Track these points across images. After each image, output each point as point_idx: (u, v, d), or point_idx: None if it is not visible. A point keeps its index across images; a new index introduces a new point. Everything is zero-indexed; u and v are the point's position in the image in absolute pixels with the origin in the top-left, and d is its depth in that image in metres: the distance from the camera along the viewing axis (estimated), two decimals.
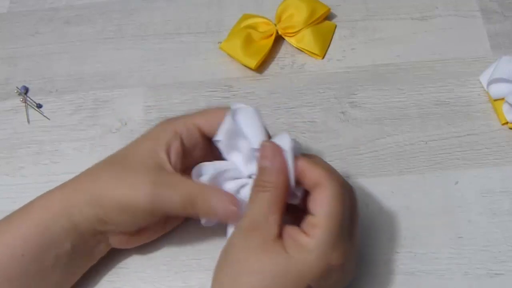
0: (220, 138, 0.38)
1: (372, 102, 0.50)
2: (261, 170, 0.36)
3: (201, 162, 0.40)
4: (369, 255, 0.43)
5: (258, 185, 0.36)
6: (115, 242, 0.42)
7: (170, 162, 0.38)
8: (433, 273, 0.42)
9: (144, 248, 0.44)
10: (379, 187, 0.46)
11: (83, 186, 0.39)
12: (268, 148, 0.36)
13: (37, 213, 0.38)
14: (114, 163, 0.39)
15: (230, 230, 0.38)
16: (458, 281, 0.42)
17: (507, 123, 0.48)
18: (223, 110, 0.39)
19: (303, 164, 0.36)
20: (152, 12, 0.58)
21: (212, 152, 0.41)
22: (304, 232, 0.34)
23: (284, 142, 0.36)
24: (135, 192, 0.37)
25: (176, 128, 0.39)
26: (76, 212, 0.38)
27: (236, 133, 0.38)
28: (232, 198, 0.37)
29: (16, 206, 0.40)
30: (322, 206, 0.34)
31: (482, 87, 0.50)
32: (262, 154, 0.36)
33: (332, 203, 0.34)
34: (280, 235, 0.35)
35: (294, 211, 0.37)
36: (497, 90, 0.48)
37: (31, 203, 0.39)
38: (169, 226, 0.44)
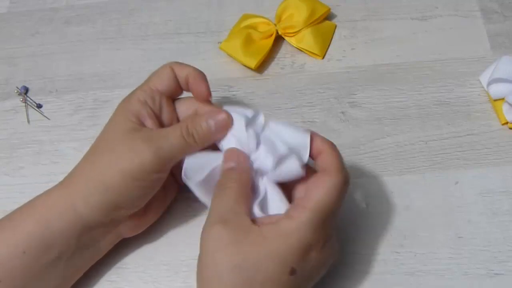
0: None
1: (372, 102, 0.50)
2: (226, 171, 0.38)
3: (171, 122, 0.42)
4: (369, 255, 0.43)
5: (222, 184, 0.37)
6: (126, 229, 0.42)
7: (144, 125, 0.40)
8: (433, 273, 0.42)
9: (144, 248, 0.44)
10: (379, 187, 0.46)
11: (83, 176, 0.39)
12: (232, 152, 0.38)
13: (39, 210, 0.38)
14: (101, 145, 0.40)
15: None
16: (458, 281, 0.42)
17: (507, 123, 0.48)
18: (168, 64, 0.42)
19: (322, 147, 0.37)
20: (152, 12, 0.58)
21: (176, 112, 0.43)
22: (288, 216, 0.35)
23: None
24: (135, 155, 0.37)
25: (138, 96, 0.41)
26: (81, 204, 0.38)
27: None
28: (217, 109, 0.40)
29: (16, 206, 0.40)
30: (320, 193, 0.35)
31: (482, 87, 0.50)
32: (225, 157, 0.38)
33: (327, 191, 0.35)
34: (253, 223, 0.35)
35: None
36: (497, 90, 0.48)
37: (32, 201, 0.39)
38: (169, 198, 0.44)
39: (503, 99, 0.48)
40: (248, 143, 0.38)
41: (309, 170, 0.37)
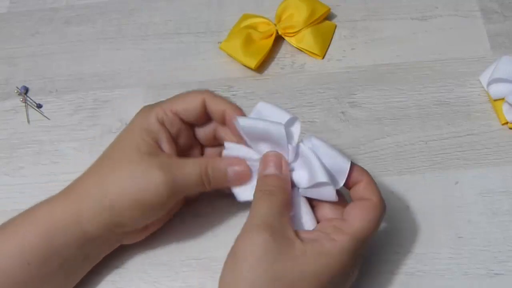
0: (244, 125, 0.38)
1: (372, 102, 0.50)
2: (265, 177, 0.37)
3: (187, 150, 0.41)
4: (369, 255, 0.43)
5: (264, 190, 0.36)
6: (127, 240, 0.42)
7: (163, 151, 0.39)
8: (433, 273, 0.42)
9: (144, 248, 0.44)
10: (379, 187, 0.46)
11: (90, 192, 0.38)
12: (271, 156, 0.37)
13: (44, 222, 0.37)
14: (112, 160, 0.39)
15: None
16: (458, 281, 0.42)
17: (507, 123, 0.48)
18: (199, 94, 0.40)
19: (364, 175, 0.37)
20: (152, 12, 0.58)
21: (197, 139, 0.42)
22: (328, 235, 0.35)
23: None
24: (150, 185, 0.36)
25: (158, 115, 0.39)
26: (86, 219, 0.37)
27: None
28: (239, 160, 0.38)
29: (16, 206, 0.40)
30: (363, 220, 0.35)
31: (482, 87, 0.50)
32: (268, 161, 0.37)
33: (372, 222, 0.35)
34: (296, 236, 0.34)
35: None
36: (497, 90, 0.48)
37: (36, 210, 0.38)
38: (174, 210, 0.44)
39: (503, 99, 0.48)
40: (288, 150, 0.38)
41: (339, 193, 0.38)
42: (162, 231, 0.44)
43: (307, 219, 0.37)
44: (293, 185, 0.38)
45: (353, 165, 0.37)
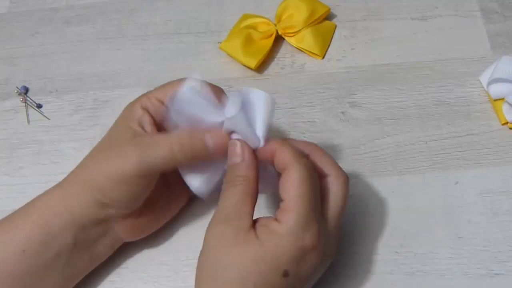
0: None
1: (372, 102, 0.50)
2: (232, 166, 0.37)
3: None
4: (369, 255, 0.43)
5: (229, 181, 0.37)
6: (121, 231, 0.41)
7: (145, 132, 0.40)
8: (433, 273, 0.42)
9: (144, 248, 0.44)
10: (379, 187, 0.46)
11: (76, 177, 0.40)
12: (237, 145, 0.37)
13: (37, 210, 0.39)
14: (98, 148, 0.41)
15: None
16: (458, 281, 0.42)
17: (507, 123, 0.48)
18: (179, 81, 0.40)
19: (272, 147, 0.37)
20: (152, 12, 0.58)
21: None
22: (277, 220, 0.35)
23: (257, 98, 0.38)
24: (121, 159, 0.38)
25: (142, 103, 0.41)
26: (75, 202, 0.38)
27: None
28: (220, 131, 0.38)
29: (16, 206, 0.40)
30: (290, 190, 0.35)
31: (482, 87, 0.50)
32: (230, 151, 0.37)
33: (299, 186, 0.35)
34: (253, 226, 0.35)
35: None
36: (497, 90, 0.48)
37: (31, 201, 0.40)
38: (174, 209, 0.44)
39: (503, 99, 0.48)
40: (252, 135, 0.37)
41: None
42: (162, 231, 0.44)
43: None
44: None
45: (264, 148, 0.37)
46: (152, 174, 0.39)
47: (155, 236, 0.44)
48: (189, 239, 0.45)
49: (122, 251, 0.44)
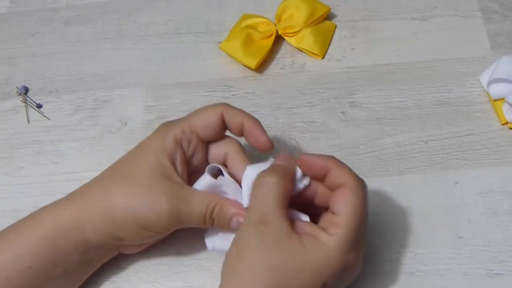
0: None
1: (372, 102, 0.50)
2: (273, 166, 0.37)
3: (200, 167, 0.40)
4: (369, 255, 0.43)
5: (266, 175, 0.36)
6: (126, 251, 0.42)
7: (177, 172, 0.39)
8: (433, 273, 0.42)
9: (144, 248, 0.44)
10: (379, 187, 0.46)
11: (96, 202, 0.38)
12: (283, 155, 0.38)
13: (47, 228, 0.37)
14: (122, 176, 0.39)
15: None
16: (458, 281, 0.42)
17: (507, 123, 0.48)
18: (217, 108, 0.39)
19: (331, 162, 0.37)
20: (152, 12, 0.58)
21: (207, 160, 0.42)
22: (324, 229, 0.35)
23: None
24: (154, 212, 0.37)
25: (176, 135, 0.39)
26: (89, 228, 0.38)
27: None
28: (245, 210, 0.38)
29: (16, 206, 0.40)
30: (348, 207, 0.35)
31: (482, 87, 0.50)
32: (276, 159, 0.38)
33: (357, 205, 0.35)
34: (292, 229, 0.35)
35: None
36: (497, 90, 0.48)
37: (40, 214, 0.38)
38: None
39: (503, 99, 0.48)
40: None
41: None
42: None
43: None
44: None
45: (310, 157, 0.37)
46: (178, 227, 0.39)
47: None
48: (189, 239, 0.44)
49: None
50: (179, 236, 0.45)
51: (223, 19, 0.57)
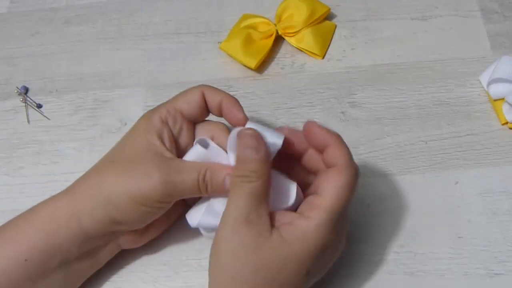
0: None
1: (372, 102, 0.50)
2: (243, 159, 0.35)
3: (188, 149, 0.41)
4: (369, 255, 0.43)
5: (242, 176, 0.35)
6: (125, 242, 0.42)
7: (166, 148, 0.39)
8: (433, 273, 0.42)
9: (144, 248, 0.44)
10: (379, 187, 0.46)
11: (91, 191, 0.38)
12: (250, 136, 0.35)
13: (44, 222, 0.38)
14: (115, 161, 0.39)
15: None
16: (458, 281, 0.42)
17: (507, 123, 0.48)
18: (198, 87, 0.40)
19: (331, 139, 0.36)
20: (152, 12, 0.58)
21: (196, 136, 0.42)
22: (302, 214, 0.34)
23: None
24: (147, 183, 0.37)
25: (161, 115, 0.40)
26: (86, 217, 0.38)
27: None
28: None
29: (16, 206, 0.40)
30: (331, 189, 0.34)
31: (482, 87, 0.50)
32: (243, 142, 0.35)
33: (341, 189, 0.34)
34: (272, 224, 0.35)
35: None
36: (497, 90, 0.48)
37: (37, 209, 0.39)
38: (172, 218, 0.44)
39: (503, 99, 0.48)
40: None
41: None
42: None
43: (285, 196, 0.37)
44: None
45: (317, 127, 0.36)
46: (173, 200, 0.39)
47: (155, 237, 0.44)
48: (189, 239, 0.45)
49: (123, 252, 0.44)
50: (179, 236, 0.45)
51: (223, 19, 0.57)
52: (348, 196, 0.35)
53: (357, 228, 0.44)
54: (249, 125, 0.38)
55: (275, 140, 0.36)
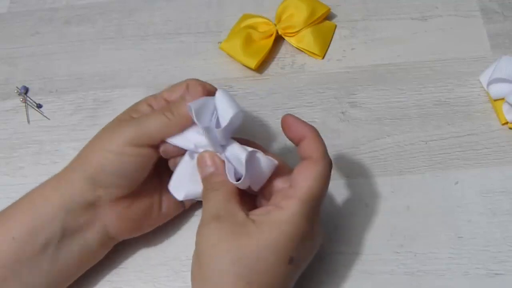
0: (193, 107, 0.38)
1: (372, 102, 0.50)
2: (206, 178, 0.39)
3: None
4: (369, 255, 0.43)
5: (208, 188, 0.38)
6: (109, 222, 0.40)
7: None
8: (433, 273, 0.42)
9: (144, 248, 0.44)
10: (379, 187, 0.46)
11: (72, 163, 0.41)
12: (206, 157, 0.39)
13: (30, 199, 0.40)
14: (94, 137, 0.41)
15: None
16: (458, 281, 0.42)
17: (507, 123, 0.48)
18: (184, 81, 0.42)
19: (307, 132, 0.37)
20: (152, 12, 0.58)
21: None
22: (277, 206, 0.35)
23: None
24: (115, 133, 0.39)
25: (147, 101, 0.42)
26: (67, 186, 0.39)
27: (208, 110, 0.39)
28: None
29: None
30: (303, 180, 0.35)
31: (482, 87, 0.50)
32: (202, 164, 0.39)
33: (314, 181, 0.35)
34: (247, 216, 0.35)
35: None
36: (497, 90, 0.48)
37: (27, 193, 0.40)
38: (168, 212, 0.43)
39: (503, 99, 0.48)
40: (218, 142, 0.39)
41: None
42: (161, 230, 0.44)
43: (250, 182, 0.38)
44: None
45: (295, 120, 0.37)
46: (146, 141, 0.39)
47: (154, 236, 0.44)
48: (189, 239, 0.44)
49: (121, 251, 0.44)
50: (179, 236, 0.45)
51: (223, 19, 0.57)
52: (321, 188, 0.36)
53: (357, 228, 0.44)
54: (218, 92, 0.39)
55: (234, 111, 0.38)
